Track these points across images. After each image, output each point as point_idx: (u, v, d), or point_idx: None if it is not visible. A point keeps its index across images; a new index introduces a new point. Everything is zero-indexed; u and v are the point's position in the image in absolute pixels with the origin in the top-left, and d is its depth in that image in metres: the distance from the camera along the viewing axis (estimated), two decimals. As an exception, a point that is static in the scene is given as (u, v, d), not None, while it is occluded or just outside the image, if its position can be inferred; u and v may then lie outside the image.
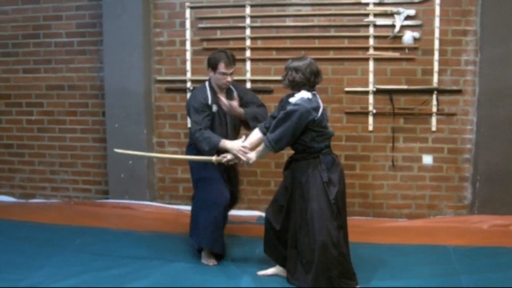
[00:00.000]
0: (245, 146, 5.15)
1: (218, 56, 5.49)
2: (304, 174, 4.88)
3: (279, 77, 6.87)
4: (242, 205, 7.32)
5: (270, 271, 5.21)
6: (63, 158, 7.96)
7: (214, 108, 5.53)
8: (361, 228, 6.67)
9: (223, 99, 5.53)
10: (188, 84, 7.29)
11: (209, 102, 5.50)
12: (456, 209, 6.96)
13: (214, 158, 5.29)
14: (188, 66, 7.30)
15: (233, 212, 7.00)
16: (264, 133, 5.05)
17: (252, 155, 5.08)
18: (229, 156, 5.26)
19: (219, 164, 5.37)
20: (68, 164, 7.93)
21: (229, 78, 5.54)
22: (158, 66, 7.43)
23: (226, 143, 5.29)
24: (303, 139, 4.87)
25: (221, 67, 5.46)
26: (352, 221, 6.95)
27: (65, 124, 7.89)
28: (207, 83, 5.63)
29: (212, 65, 5.51)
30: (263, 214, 7.06)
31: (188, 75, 7.30)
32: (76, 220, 6.90)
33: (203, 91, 5.57)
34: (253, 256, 5.69)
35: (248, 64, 7.17)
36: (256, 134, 5.18)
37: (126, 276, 5.04)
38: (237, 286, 4.88)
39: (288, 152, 5.33)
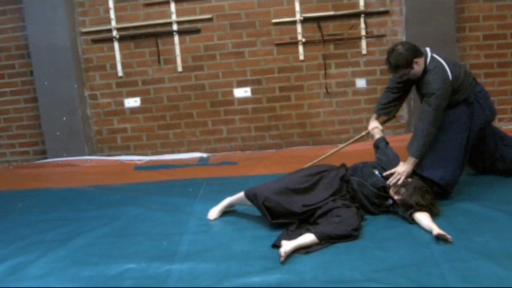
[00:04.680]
0: None
1: None
2: None
3: (205, 16, 6.91)
4: (182, 148, 7.34)
5: (218, 211, 5.16)
6: (-3, 123, 7.78)
7: None
8: (303, 158, 6.65)
9: None
10: (114, 33, 7.14)
11: None
12: (394, 129, 7.07)
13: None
14: (112, 14, 7.14)
15: (173, 156, 7.01)
16: None
17: None
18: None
19: None
20: (3, 128, 7.74)
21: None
22: (82, 18, 7.24)
23: None
24: None
25: None
26: (293, 151, 7.17)
27: (-6, 88, 7.68)
28: None
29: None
30: (204, 155, 7.13)
31: (113, 23, 7.15)
32: (18, 184, 6.75)
33: None
34: (197, 198, 5.66)
35: (173, 6, 7.04)
36: None
37: (74, 232, 4.98)
38: (183, 230, 4.87)
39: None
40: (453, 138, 5.14)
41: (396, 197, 4.79)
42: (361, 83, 7.18)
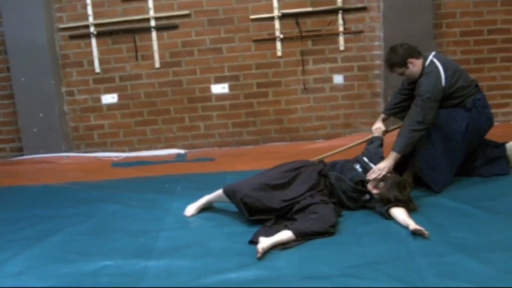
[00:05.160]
0: None
1: None
2: None
3: (183, 12, 6.88)
4: (159, 145, 7.32)
5: (195, 208, 5.15)
6: (-27, 120, 7.69)
7: None
8: (281, 154, 6.73)
9: None
10: (92, 29, 7.09)
11: None
12: (371, 125, 6.89)
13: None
14: (90, 10, 7.07)
15: (150, 152, 6.99)
16: None
17: None
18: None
19: None
20: (-21, 125, 7.67)
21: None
22: (59, 14, 7.16)
23: None
24: None
25: None
26: (270, 147, 7.17)
27: (-29, 85, 7.59)
28: None
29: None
30: (181, 151, 7.12)
31: (91, 19, 7.09)
32: (-6, 181, 6.72)
33: None
34: (175, 195, 5.64)
35: (151, 2, 6.99)
36: None
37: (51, 229, 4.93)
38: (161, 226, 4.85)
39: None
40: (452, 147, 5.28)
41: (374, 191, 4.83)
42: (338, 79, 7.18)
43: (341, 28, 6.99)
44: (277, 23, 6.98)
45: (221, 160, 6.84)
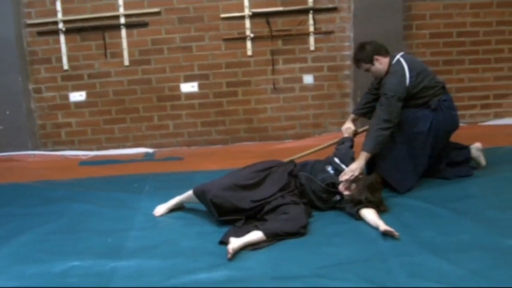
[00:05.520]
0: None
1: None
2: None
3: (153, 10, 6.83)
4: (127, 143, 7.27)
5: (165, 209, 5.11)
6: None
7: None
8: (250, 154, 6.74)
9: None
10: (60, 25, 7.00)
11: None
12: (340, 125, 6.89)
13: None
14: (59, 6, 6.99)
15: (119, 151, 6.92)
16: None
17: None
18: None
19: None
20: None
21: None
22: (28, 9, 7.07)
23: None
24: None
25: None
26: (239, 147, 7.17)
27: None
28: None
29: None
30: (149, 150, 7.09)
31: (59, 15, 7.00)
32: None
33: None
34: (143, 194, 5.60)
35: (120, -1, 6.96)
36: None
37: (18, 228, 4.85)
38: (129, 226, 4.81)
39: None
40: (416, 148, 5.30)
41: (346, 193, 4.82)
42: (308, 79, 7.20)
43: (311, 28, 7.00)
44: (247, 22, 6.97)
45: (189, 160, 6.81)
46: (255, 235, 4.26)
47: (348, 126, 5.72)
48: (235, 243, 4.13)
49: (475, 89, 7.39)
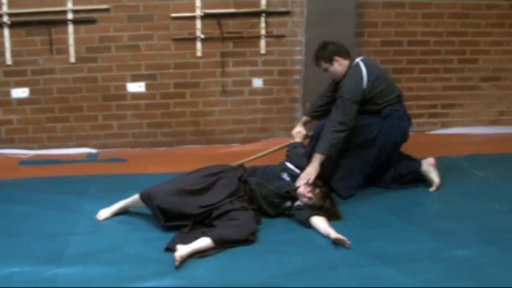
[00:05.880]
0: None
1: None
2: None
3: (102, 6, 6.66)
4: (70, 143, 7.05)
5: (110, 213, 4.95)
6: None
7: None
8: (195, 157, 6.65)
9: None
10: (5, 19, 6.72)
11: None
12: (288, 130, 6.96)
13: None
14: (4, -2, 6.77)
15: (61, 151, 6.81)
16: None
17: None
18: None
19: None
20: None
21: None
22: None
23: None
24: None
25: None
26: (185, 149, 7.10)
27: None
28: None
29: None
30: (92, 150, 6.95)
31: (4, 8, 6.69)
32: None
33: None
34: (86, 196, 5.43)
35: (68, -6, 6.74)
36: None
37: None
38: (72, 230, 4.63)
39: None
40: (362, 155, 5.35)
41: (309, 195, 4.76)
42: (257, 82, 7.11)
43: (263, 31, 6.91)
44: (198, 23, 6.83)
45: (134, 161, 6.65)
46: (203, 242, 4.17)
47: (299, 130, 5.71)
48: (182, 250, 4.03)
49: (423, 98, 7.43)
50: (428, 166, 5.56)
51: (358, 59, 5.30)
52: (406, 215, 4.95)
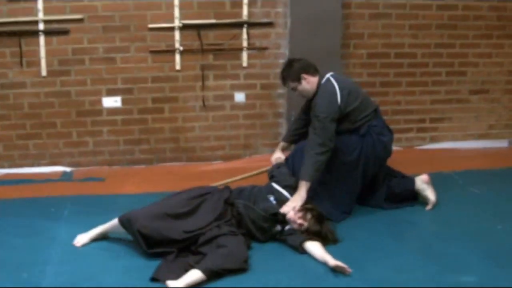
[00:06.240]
0: None
1: None
2: None
3: (75, 16, 6.37)
4: (43, 161, 6.75)
5: (88, 239, 4.63)
6: None
7: None
8: (175, 175, 6.46)
9: None
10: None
11: None
12: (272, 146, 6.80)
13: None
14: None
15: (34, 170, 6.54)
16: None
17: None
18: None
19: None
20: None
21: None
22: None
23: None
24: None
25: None
26: (165, 167, 6.89)
27: None
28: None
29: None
30: (67, 169, 6.68)
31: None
32: None
33: None
34: (63, 220, 5.12)
35: (40, 3, 6.37)
36: None
37: None
38: (47, 258, 4.30)
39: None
40: (347, 177, 5.15)
41: (299, 222, 4.50)
42: (239, 97, 6.90)
43: (245, 43, 6.69)
44: (177, 34, 6.58)
45: (111, 181, 6.36)
46: (195, 275, 3.87)
47: (278, 156, 5.49)
48: (174, 286, 3.71)
49: (412, 112, 7.30)
50: (422, 184, 5.38)
51: (328, 75, 5.09)
52: (403, 237, 4.78)
